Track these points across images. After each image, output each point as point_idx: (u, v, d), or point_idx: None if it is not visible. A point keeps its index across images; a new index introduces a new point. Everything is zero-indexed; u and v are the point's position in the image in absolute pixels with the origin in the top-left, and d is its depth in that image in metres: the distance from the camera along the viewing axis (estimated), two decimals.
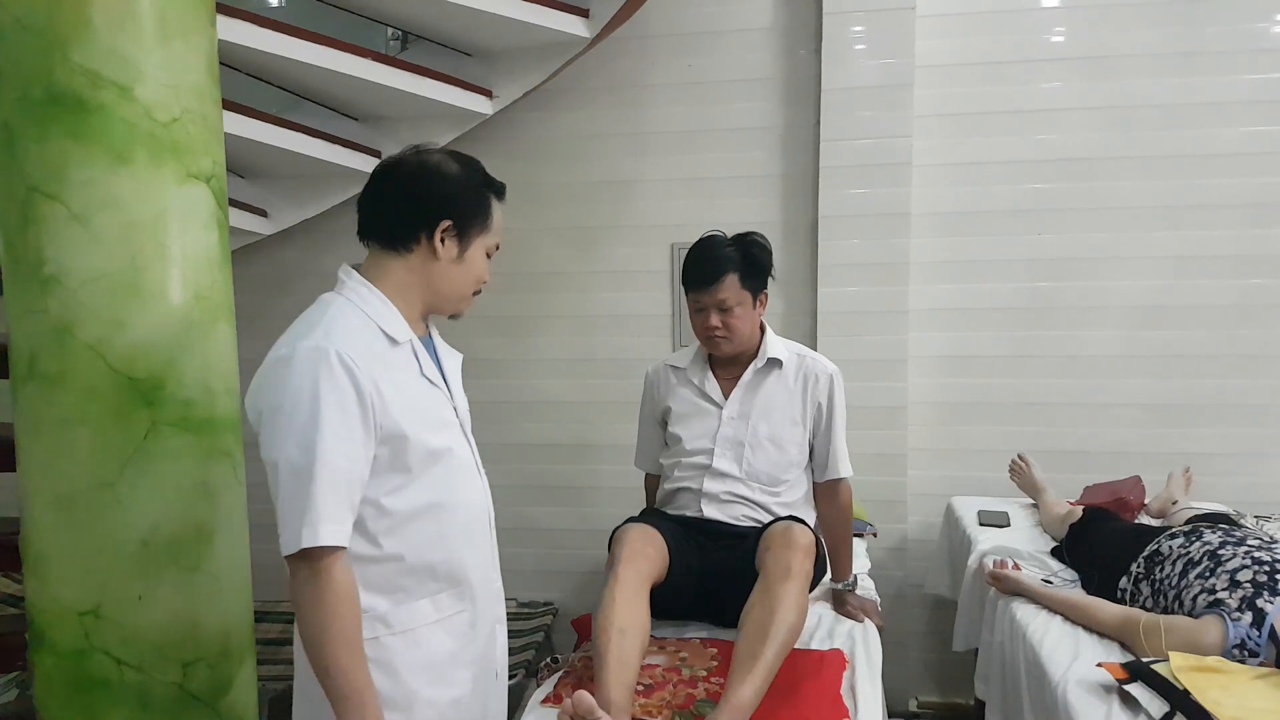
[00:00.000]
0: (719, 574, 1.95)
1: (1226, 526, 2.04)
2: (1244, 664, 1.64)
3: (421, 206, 1.40)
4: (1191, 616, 1.78)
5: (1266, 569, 1.76)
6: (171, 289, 1.76)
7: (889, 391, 2.99)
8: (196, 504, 1.80)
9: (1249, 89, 2.83)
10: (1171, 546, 1.99)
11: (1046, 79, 2.93)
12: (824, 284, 3.01)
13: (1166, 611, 1.87)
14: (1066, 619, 1.97)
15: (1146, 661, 1.63)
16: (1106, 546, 2.20)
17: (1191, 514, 2.31)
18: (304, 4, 3.12)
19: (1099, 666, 1.66)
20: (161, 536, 1.76)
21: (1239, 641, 1.67)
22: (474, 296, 1.51)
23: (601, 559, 3.29)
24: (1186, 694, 1.50)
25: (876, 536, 2.93)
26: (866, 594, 2.22)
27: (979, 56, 2.95)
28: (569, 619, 3.09)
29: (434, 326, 1.56)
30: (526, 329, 3.23)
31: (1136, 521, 2.53)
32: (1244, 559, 1.81)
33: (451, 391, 1.50)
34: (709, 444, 2.10)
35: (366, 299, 1.39)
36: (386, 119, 2.96)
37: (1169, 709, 1.49)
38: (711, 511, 2.06)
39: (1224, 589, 1.76)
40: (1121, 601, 2.01)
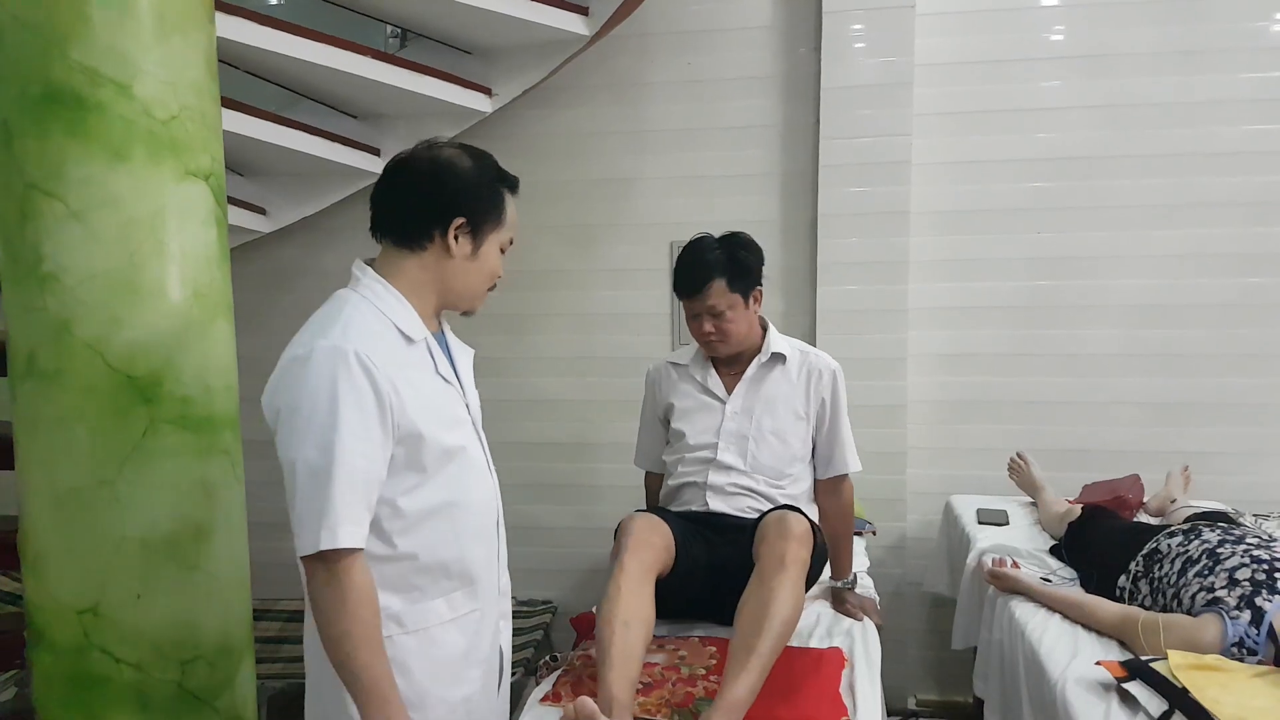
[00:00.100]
0: (726, 568, 1.90)
1: (1225, 525, 2.04)
2: (1243, 662, 1.64)
3: (434, 204, 1.39)
4: (1190, 615, 1.78)
5: (1265, 567, 1.76)
6: (170, 287, 1.76)
7: (888, 390, 2.99)
8: (195, 502, 1.80)
9: (1248, 87, 2.83)
10: (1170, 545, 1.99)
11: (1046, 77, 2.93)
12: (823, 282, 3.01)
13: (1165, 610, 1.87)
14: (1065, 617, 1.97)
15: (1145, 660, 1.63)
16: (1105, 545, 2.20)
17: (1190, 512, 2.31)
18: (303, 1, 3.12)
19: (1098, 665, 1.66)
20: (160, 534, 1.76)
21: (1238, 640, 1.67)
22: (488, 292, 1.50)
23: (600, 557, 3.31)
24: (1185, 692, 1.50)
25: (875, 535, 2.93)
26: (865, 592, 2.22)
27: (979, 55, 2.95)
28: (568, 617, 3.09)
29: (446, 322, 1.55)
30: (526, 327, 3.23)
31: (1135, 520, 2.53)
32: (1243, 557, 1.81)
33: (464, 388, 1.50)
34: (713, 438, 2.09)
35: (382, 296, 1.38)
36: (386, 117, 2.95)
37: (1168, 707, 1.49)
38: (717, 504, 2.05)
39: (1223, 587, 1.76)
40: (1120, 600, 2.01)
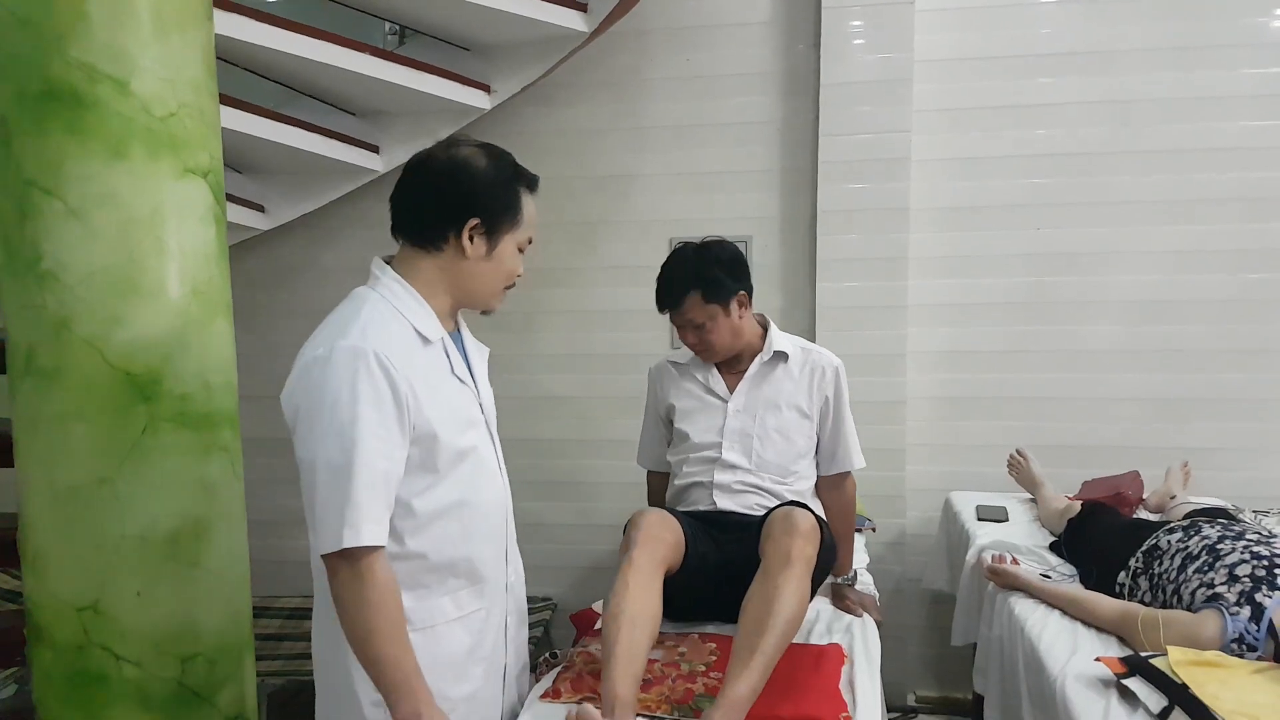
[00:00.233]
0: (734, 565, 1.87)
1: (1225, 521, 2.04)
2: (1242, 658, 1.64)
3: (449, 205, 1.40)
4: (1190, 611, 1.78)
5: (1265, 563, 1.76)
6: (169, 284, 1.76)
7: (888, 387, 2.99)
8: (195, 499, 1.80)
9: (1248, 84, 2.83)
10: (1170, 541, 1.99)
11: (1045, 73, 2.93)
12: (823, 279, 3.01)
13: (1165, 606, 1.87)
14: (1065, 614, 1.97)
15: (1145, 656, 1.63)
16: (1105, 541, 2.20)
17: (1190, 509, 2.31)
18: None
19: (1097, 661, 1.66)
20: (160, 532, 1.76)
21: (1237, 636, 1.67)
22: (506, 291, 1.51)
23: (600, 554, 3.31)
24: (1185, 688, 1.50)
25: (875, 531, 2.93)
26: (865, 589, 2.22)
27: (978, 51, 2.95)
28: (567, 614, 3.09)
29: (463, 321, 1.56)
30: (525, 324, 3.23)
31: (1135, 516, 2.53)
32: (1242, 553, 1.81)
33: (478, 388, 1.51)
34: (716, 437, 2.08)
35: (400, 296, 1.40)
36: (384, 114, 2.95)
37: (1167, 703, 1.49)
38: (724, 503, 2.04)
39: (1222, 583, 1.76)
40: (1120, 596, 2.01)
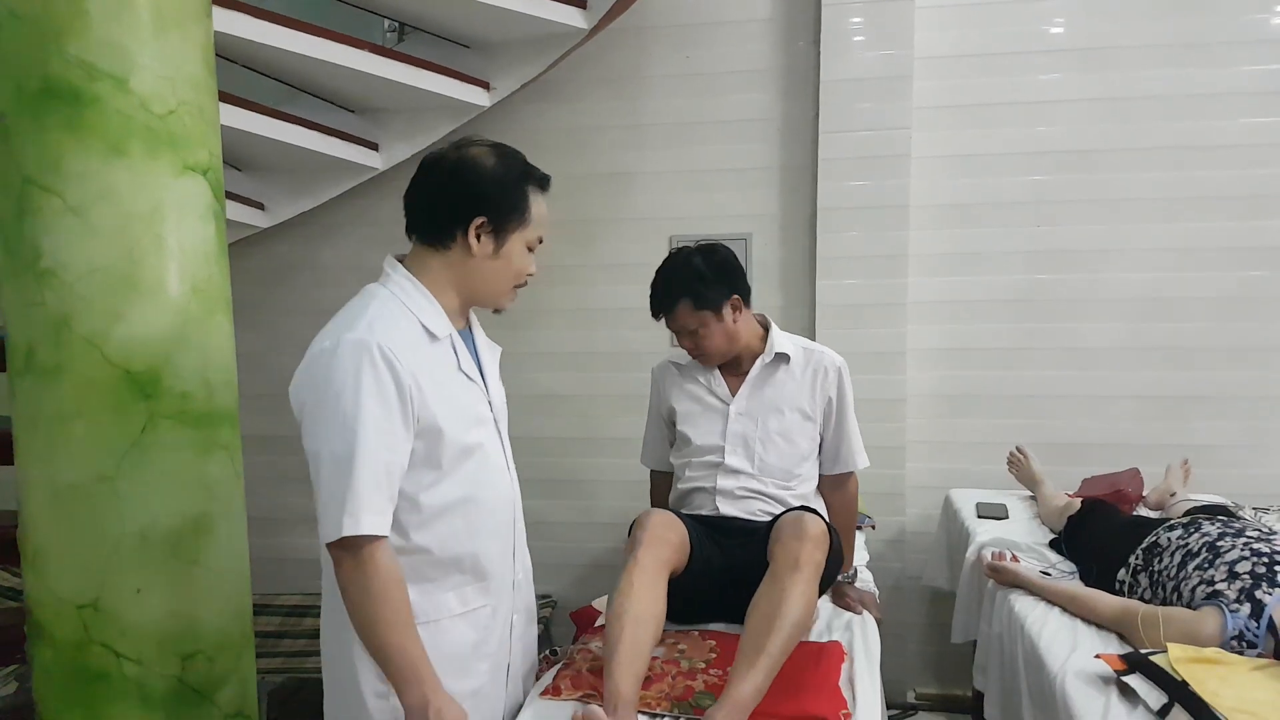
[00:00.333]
0: (737, 570, 1.88)
1: (1225, 518, 2.04)
2: (1242, 655, 1.64)
3: (455, 203, 1.42)
4: (1190, 608, 1.78)
5: (1265, 560, 1.76)
6: (169, 282, 1.76)
7: (888, 384, 2.99)
8: (194, 497, 1.81)
9: (1248, 80, 2.83)
10: (1170, 538, 1.99)
11: (1045, 70, 2.92)
12: (823, 276, 3.00)
13: (1165, 603, 1.87)
14: (1065, 611, 1.97)
15: (1145, 653, 1.63)
16: (1105, 538, 2.20)
17: (1190, 506, 2.31)
18: None
19: (1097, 658, 1.66)
20: (160, 530, 1.76)
21: (1237, 633, 1.67)
22: (516, 290, 1.53)
23: (600, 552, 3.32)
24: (1185, 685, 1.50)
25: (875, 529, 2.93)
26: (865, 586, 2.22)
27: (978, 48, 2.94)
28: (567, 611, 3.10)
29: (475, 319, 1.58)
30: (525, 322, 3.22)
31: (1135, 514, 2.53)
32: (1243, 550, 1.81)
33: (488, 386, 1.52)
34: (719, 441, 2.07)
35: (409, 292, 1.42)
36: (384, 111, 2.95)
37: (1167, 700, 1.49)
38: (727, 508, 2.03)
39: (1222, 580, 1.76)
40: (1120, 593, 2.01)
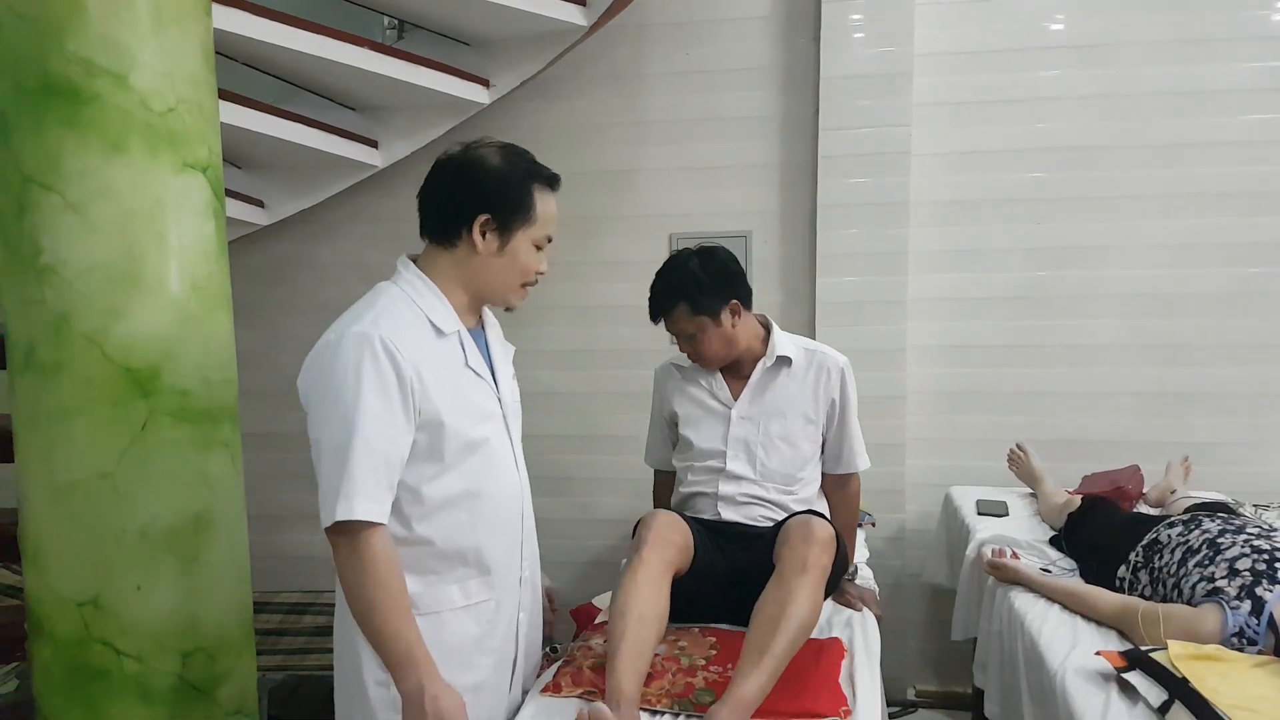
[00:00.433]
0: (740, 573, 1.88)
1: (1225, 515, 2.04)
2: (1242, 652, 1.64)
3: (461, 201, 1.45)
4: (1190, 605, 1.78)
5: (1265, 557, 1.76)
6: (169, 279, 1.76)
7: (887, 381, 2.99)
8: (195, 494, 1.81)
9: (1248, 77, 2.82)
10: (1170, 535, 1.99)
11: (1046, 67, 2.92)
12: (822, 273, 3.00)
13: (1165, 600, 1.87)
14: (1065, 608, 1.97)
15: (1145, 650, 1.63)
16: (1105, 535, 2.20)
17: (1190, 503, 2.31)
18: None
19: (1097, 655, 1.66)
20: (160, 527, 1.76)
21: (1237, 630, 1.67)
22: (525, 288, 1.55)
23: (600, 549, 3.32)
24: (1185, 682, 1.50)
25: (875, 526, 2.93)
26: (865, 583, 2.21)
27: (978, 44, 2.94)
28: (567, 609, 3.10)
29: (490, 318, 1.60)
30: (524, 320, 3.19)
31: (1135, 511, 2.52)
32: (1243, 547, 1.81)
33: (498, 383, 1.54)
34: (720, 446, 2.05)
35: (419, 289, 1.45)
36: (384, 109, 2.95)
37: (1167, 697, 1.49)
38: (729, 514, 2.02)
39: (1223, 577, 1.76)
40: (1120, 590, 2.01)
